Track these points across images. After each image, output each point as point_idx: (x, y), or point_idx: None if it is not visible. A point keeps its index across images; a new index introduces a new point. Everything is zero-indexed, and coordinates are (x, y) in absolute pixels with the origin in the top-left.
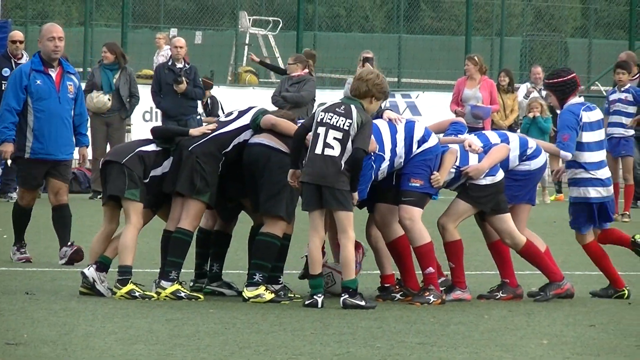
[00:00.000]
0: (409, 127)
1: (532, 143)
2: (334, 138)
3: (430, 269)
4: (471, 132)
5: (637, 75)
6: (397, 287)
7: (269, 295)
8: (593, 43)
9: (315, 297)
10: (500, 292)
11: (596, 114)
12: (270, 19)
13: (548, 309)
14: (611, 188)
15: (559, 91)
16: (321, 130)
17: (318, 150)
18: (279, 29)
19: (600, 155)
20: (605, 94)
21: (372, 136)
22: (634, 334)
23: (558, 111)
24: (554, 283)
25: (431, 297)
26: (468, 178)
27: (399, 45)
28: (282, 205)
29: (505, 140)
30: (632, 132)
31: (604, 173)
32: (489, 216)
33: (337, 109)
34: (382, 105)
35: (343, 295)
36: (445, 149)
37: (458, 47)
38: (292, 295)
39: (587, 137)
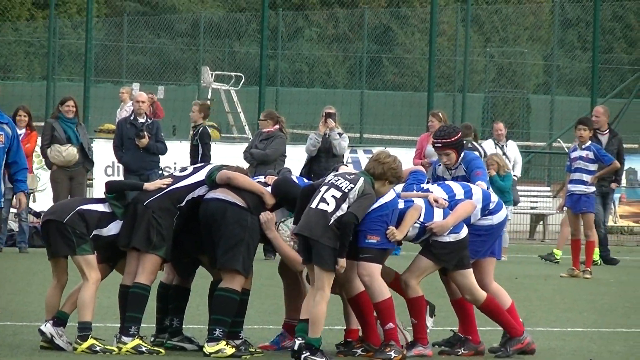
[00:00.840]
0: None
1: (494, 197)
2: (332, 196)
3: (391, 325)
4: (434, 182)
5: (607, 130)
6: (359, 342)
7: (229, 350)
8: (555, 100)
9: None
10: (462, 348)
11: None
12: (233, 74)
13: None
14: None
15: (460, 147)
16: (323, 188)
17: (313, 205)
18: (241, 84)
19: None
20: (567, 150)
21: None
22: None
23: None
24: (514, 338)
25: (392, 353)
26: (432, 234)
27: (361, 101)
28: (239, 259)
29: (469, 192)
30: (592, 189)
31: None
32: (450, 271)
33: (346, 175)
34: (345, 161)
35: (304, 352)
36: (410, 204)
37: (420, 103)
38: (253, 350)
39: None
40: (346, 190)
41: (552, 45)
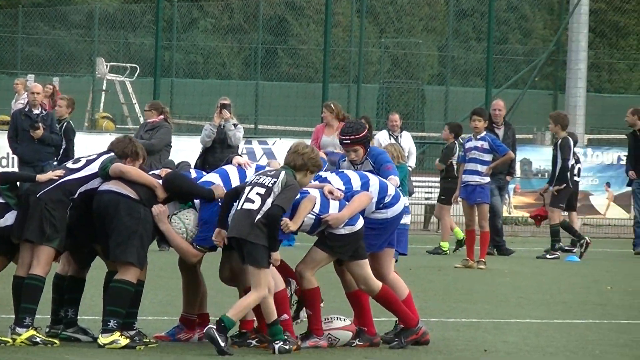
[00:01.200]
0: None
1: (392, 190)
2: (256, 193)
3: (285, 316)
4: (333, 171)
5: (502, 123)
6: (253, 333)
7: (124, 341)
8: (450, 90)
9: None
10: (357, 339)
11: None
12: (128, 65)
13: (404, 356)
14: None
15: (367, 143)
16: (247, 189)
17: (239, 206)
18: (136, 75)
19: None
20: (462, 141)
21: (221, 182)
22: None
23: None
24: (409, 329)
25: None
26: (327, 226)
27: (256, 92)
28: (132, 251)
29: (366, 182)
30: (487, 179)
31: None
32: (346, 261)
33: (267, 172)
34: (239, 152)
35: (212, 325)
36: (305, 194)
37: (315, 94)
38: (147, 341)
39: None
40: (269, 185)
41: (447, 36)
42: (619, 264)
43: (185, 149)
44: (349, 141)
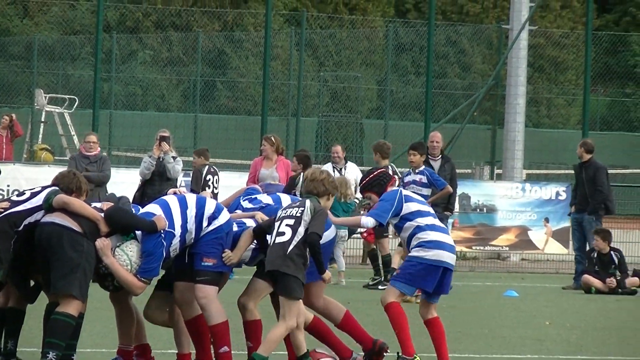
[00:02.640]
0: (200, 203)
1: None
2: (286, 225)
3: (225, 348)
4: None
5: (440, 156)
6: None
7: None
8: (389, 124)
9: None
10: None
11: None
12: (67, 96)
13: None
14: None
15: (375, 186)
16: (277, 224)
17: (272, 241)
18: (75, 107)
19: None
20: (400, 175)
21: (162, 212)
22: None
23: None
24: (370, 351)
25: None
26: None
27: (195, 125)
28: (75, 284)
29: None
30: None
31: None
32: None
33: (292, 204)
34: (178, 185)
35: None
36: (244, 226)
37: (254, 127)
38: None
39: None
40: (298, 215)
41: (386, 69)
42: (557, 299)
43: (124, 181)
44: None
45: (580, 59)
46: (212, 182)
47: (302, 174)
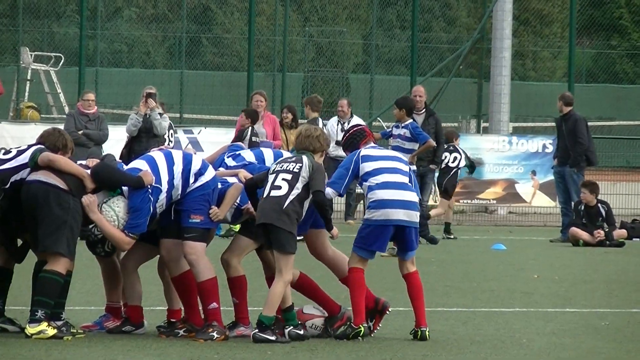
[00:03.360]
0: (187, 159)
1: None
2: (283, 179)
3: (214, 304)
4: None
5: (424, 109)
6: (182, 323)
7: (51, 331)
8: (375, 79)
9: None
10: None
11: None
12: (52, 54)
13: (331, 346)
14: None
15: (350, 146)
16: (271, 177)
17: (265, 194)
18: (60, 64)
19: None
20: (387, 129)
21: (149, 168)
22: None
23: None
24: (333, 317)
25: (214, 334)
26: (249, 215)
27: (181, 81)
28: (62, 242)
29: (279, 156)
30: (412, 167)
31: None
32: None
33: (288, 159)
34: (166, 142)
35: (255, 329)
36: (228, 183)
37: (240, 83)
38: (75, 331)
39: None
40: (296, 170)
41: (371, 24)
42: (545, 252)
43: (111, 138)
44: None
45: (565, 11)
46: (168, 136)
47: (249, 127)
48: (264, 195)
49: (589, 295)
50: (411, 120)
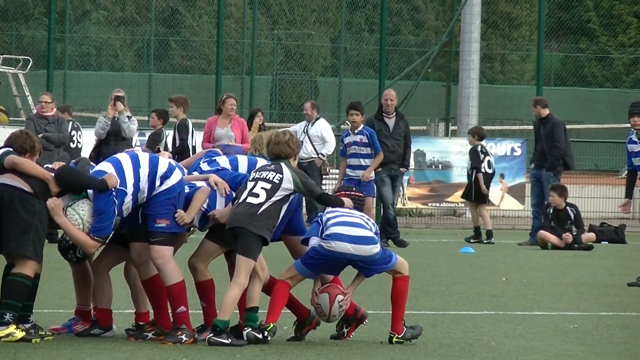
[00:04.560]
0: (153, 161)
1: None
2: (262, 188)
3: (182, 308)
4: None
5: (394, 113)
6: (150, 326)
7: (19, 334)
8: (343, 82)
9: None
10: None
11: None
12: (20, 57)
13: (300, 349)
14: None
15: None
16: (250, 184)
17: (241, 199)
18: (29, 67)
19: None
20: (340, 148)
21: (114, 171)
22: None
23: None
24: (302, 322)
25: (183, 337)
26: (215, 222)
27: (149, 84)
28: (28, 245)
29: (254, 164)
30: (372, 176)
31: None
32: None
33: (267, 167)
34: (133, 145)
35: (209, 333)
36: (196, 187)
37: (208, 86)
38: (43, 334)
39: None
40: (276, 181)
41: (340, 27)
42: (513, 255)
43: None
44: None
45: (534, 14)
46: (76, 137)
47: (163, 129)
48: (239, 200)
49: (557, 298)
50: (363, 126)
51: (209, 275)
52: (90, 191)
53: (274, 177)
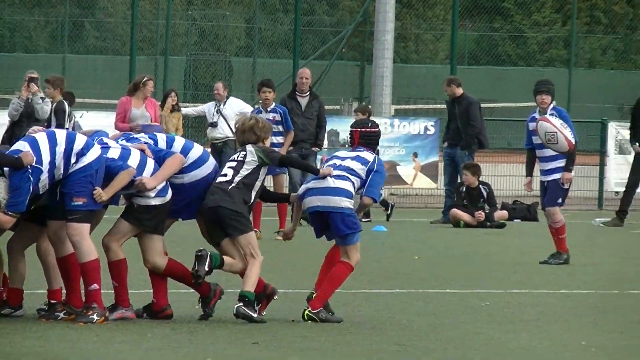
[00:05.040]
0: (70, 138)
1: (195, 152)
2: (228, 167)
3: (95, 286)
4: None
5: (308, 92)
6: (62, 305)
7: None
8: (257, 62)
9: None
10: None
11: None
12: None
13: (211, 327)
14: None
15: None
16: (222, 170)
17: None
18: None
19: None
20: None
21: (30, 149)
22: (297, 350)
23: None
24: (207, 297)
25: (94, 316)
26: (138, 190)
27: (64, 65)
28: None
29: (171, 141)
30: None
31: None
32: (143, 233)
33: (235, 153)
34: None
35: (238, 303)
36: (125, 167)
37: (122, 67)
38: None
39: None
40: (240, 159)
41: (254, 8)
42: (425, 233)
43: None
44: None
45: None
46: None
47: (65, 102)
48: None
49: (469, 276)
50: (276, 104)
51: (122, 254)
52: (6, 168)
53: (238, 157)
